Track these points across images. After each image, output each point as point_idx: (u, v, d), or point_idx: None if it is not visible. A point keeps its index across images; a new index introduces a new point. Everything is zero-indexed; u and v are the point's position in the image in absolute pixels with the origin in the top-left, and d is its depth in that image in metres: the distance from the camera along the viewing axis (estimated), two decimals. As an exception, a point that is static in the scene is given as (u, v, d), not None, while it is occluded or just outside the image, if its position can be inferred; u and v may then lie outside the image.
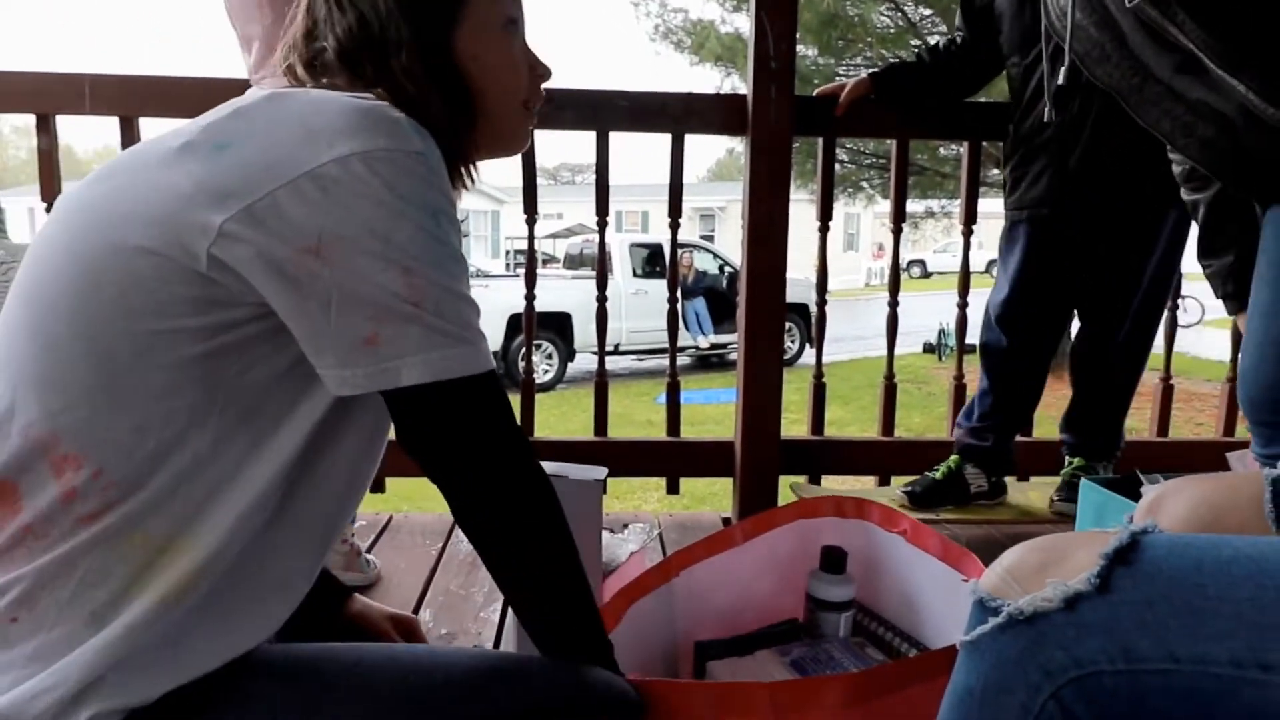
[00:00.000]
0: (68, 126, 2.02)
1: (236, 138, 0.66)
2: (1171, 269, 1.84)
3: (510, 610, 1.28)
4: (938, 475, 1.96)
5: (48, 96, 1.87)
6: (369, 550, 1.84)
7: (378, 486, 2.16)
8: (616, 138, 1.98)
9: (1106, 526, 1.21)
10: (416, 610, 1.57)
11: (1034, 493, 2.07)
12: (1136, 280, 1.81)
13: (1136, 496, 0.77)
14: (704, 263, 10.41)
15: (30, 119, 1.89)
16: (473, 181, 0.83)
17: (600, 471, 1.12)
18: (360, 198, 0.63)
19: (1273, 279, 1.20)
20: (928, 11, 7.24)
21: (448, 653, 0.77)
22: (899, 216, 2.13)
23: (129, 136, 1.89)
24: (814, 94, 1.99)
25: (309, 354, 0.66)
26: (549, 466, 1.19)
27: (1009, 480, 2.04)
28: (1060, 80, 1.08)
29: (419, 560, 1.78)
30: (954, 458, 1.97)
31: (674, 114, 1.96)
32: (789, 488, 2.10)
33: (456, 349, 0.66)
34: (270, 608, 0.72)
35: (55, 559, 0.62)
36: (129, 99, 1.86)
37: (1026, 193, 1.84)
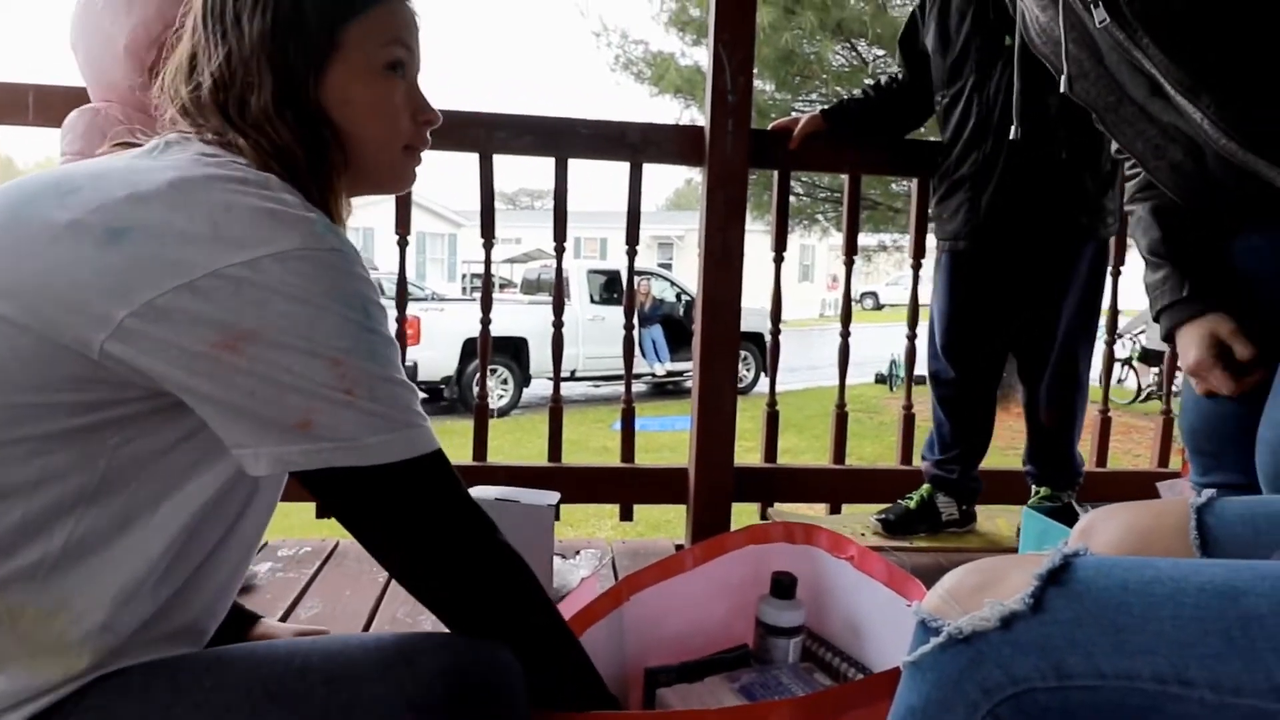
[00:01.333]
0: (9, 136, 1.95)
1: (134, 225, 0.61)
2: (1094, 301, 1.89)
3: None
4: (911, 504, 2.00)
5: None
6: (313, 578, 1.80)
7: (323, 512, 2.12)
8: (576, 165, 2.00)
9: (1045, 550, 1.24)
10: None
11: (1001, 520, 2.13)
12: (1058, 313, 1.87)
13: (1074, 524, 0.80)
14: (661, 290, 10.48)
15: (-28, 129, 1.84)
16: (348, 213, 0.80)
17: (552, 497, 1.12)
18: (275, 294, 0.61)
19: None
20: (880, 51, 7.47)
21: (316, 641, 0.72)
22: (851, 249, 2.18)
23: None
24: (769, 128, 2.04)
25: (225, 438, 0.63)
26: (501, 492, 1.19)
27: (979, 508, 2.09)
28: (1061, 88, 1.08)
29: (365, 587, 1.75)
30: (926, 487, 2.01)
31: (633, 143, 1.98)
32: (766, 513, 2.13)
33: (397, 433, 0.64)
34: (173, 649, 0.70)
35: None
36: (73, 109, 1.82)
37: (946, 225, 1.92)
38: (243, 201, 0.64)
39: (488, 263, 2.08)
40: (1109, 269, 2.00)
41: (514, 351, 8.54)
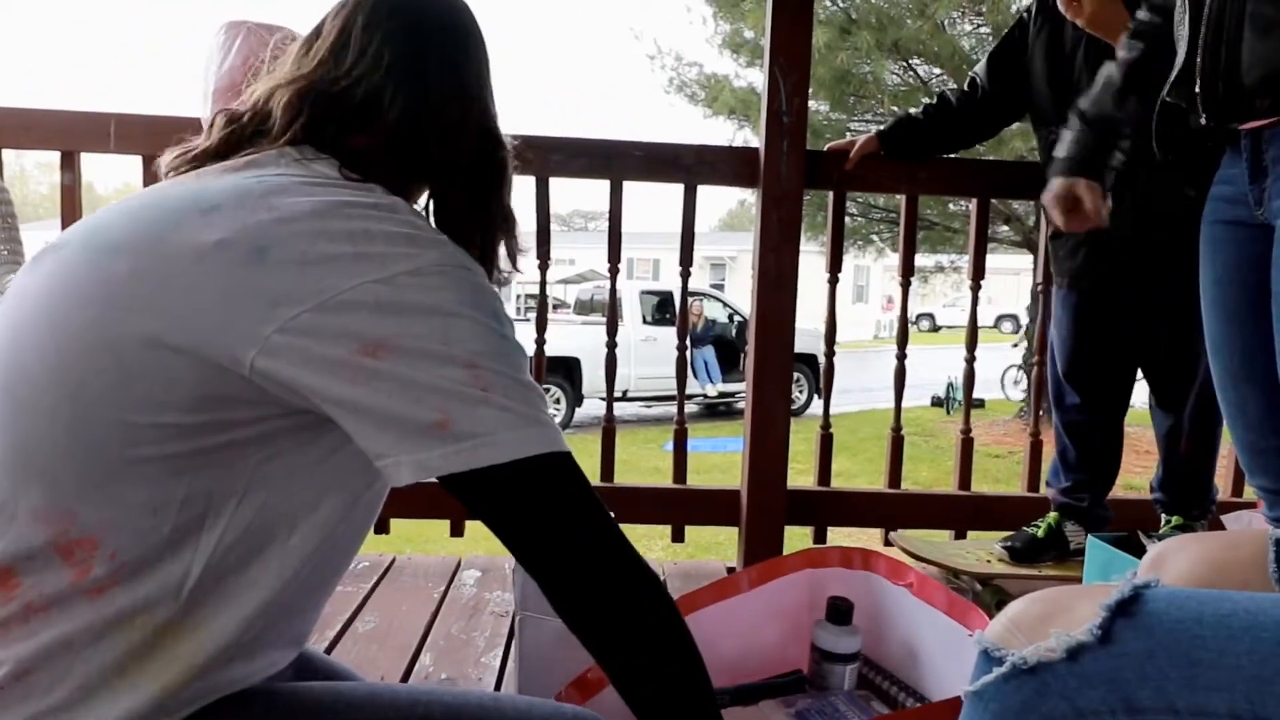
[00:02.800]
0: (90, 163, 2.07)
1: (277, 244, 0.64)
2: None
3: (511, 656, 1.27)
4: (1038, 532, 1.95)
5: (73, 134, 1.92)
6: (370, 592, 1.83)
7: (381, 528, 2.16)
8: (630, 186, 2.02)
9: (1111, 580, 1.21)
10: (417, 654, 1.56)
11: None
12: (1193, 343, 1.80)
13: (1140, 554, 0.77)
14: (714, 311, 10.47)
15: (53, 155, 1.95)
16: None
17: (606, 515, 1.12)
18: (412, 305, 0.64)
19: (1216, 301, 1.23)
20: (938, 70, 7.40)
21: (435, 692, 0.75)
22: (908, 270, 2.15)
23: (151, 175, 1.94)
24: (825, 149, 2.03)
25: (368, 449, 0.64)
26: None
27: None
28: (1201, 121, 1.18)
29: (420, 603, 1.77)
30: (1053, 514, 1.96)
31: (687, 165, 2.00)
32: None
33: (533, 428, 0.64)
34: (274, 659, 0.72)
35: (56, 636, 0.61)
36: (152, 138, 1.91)
37: (1064, 263, 1.88)
38: (379, 227, 0.68)
39: (543, 284, 2.11)
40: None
41: (567, 371, 8.62)
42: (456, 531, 2.16)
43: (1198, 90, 1.12)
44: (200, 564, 0.64)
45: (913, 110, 2.09)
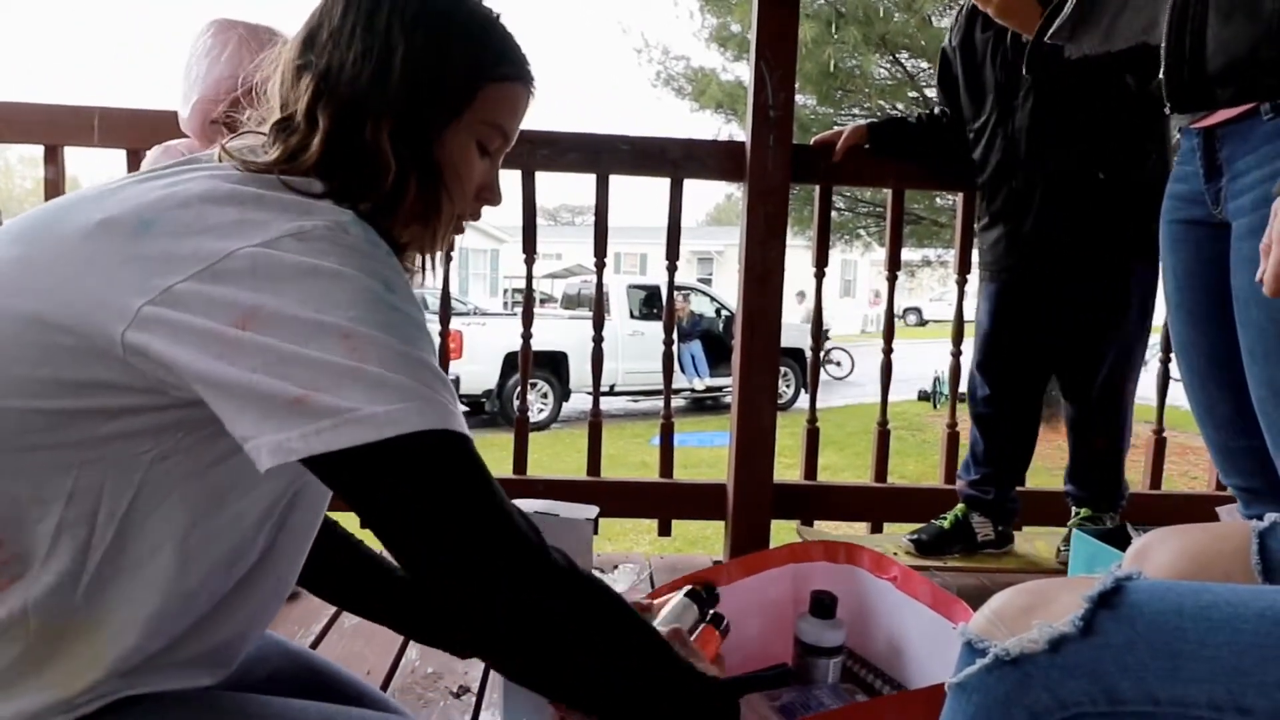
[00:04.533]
0: (75, 157, 2.05)
1: (164, 218, 0.61)
2: (1145, 321, 1.85)
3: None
4: (945, 524, 1.96)
5: (57, 128, 1.90)
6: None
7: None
8: (616, 180, 2.02)
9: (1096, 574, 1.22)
10: (403, 648, 1.55)
11: (1040, 543, 2.07)
12: (1104, 337, 1.83)
13: (1126, 547, 0.77)
14: (701, 306, 10.48)
15: (38, 150, 1.92)
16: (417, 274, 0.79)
17: (591, 510, 1.12)
18: (291, 269, 0.58)
19: (1179, 304, 1.24)
20: (925, 65, 7.42)
21: (325, 710, 0.71)
22: (894, 264, 2.16)
23: (136, 169, 1.92)
24: (811, 142, 2.03)
25: (233, 432, 0.58)
26: (540, 505, 1.19)
27: (1018, 531, 2.04)
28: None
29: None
30: (960, 507, 1.97)
31: (674, 159, 2.00)
32: (796, 530, 2.10)
33: (410, 403, 0.57)
34: (207, 673, 0.70)
35: None
36: (136, 132, 1.89)
37: (987, 254, 1.91)
38: (273, 194, 0.64)
39: (529, 278, 2.10)
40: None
41: (554, 366, 8.61)
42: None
43: (1162, 78, 1.12)
44: (94, 561, 0.61)
45: (907, 115, 2.12)
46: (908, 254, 9.34)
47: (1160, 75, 1.12)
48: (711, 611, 0.80)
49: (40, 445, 0.60)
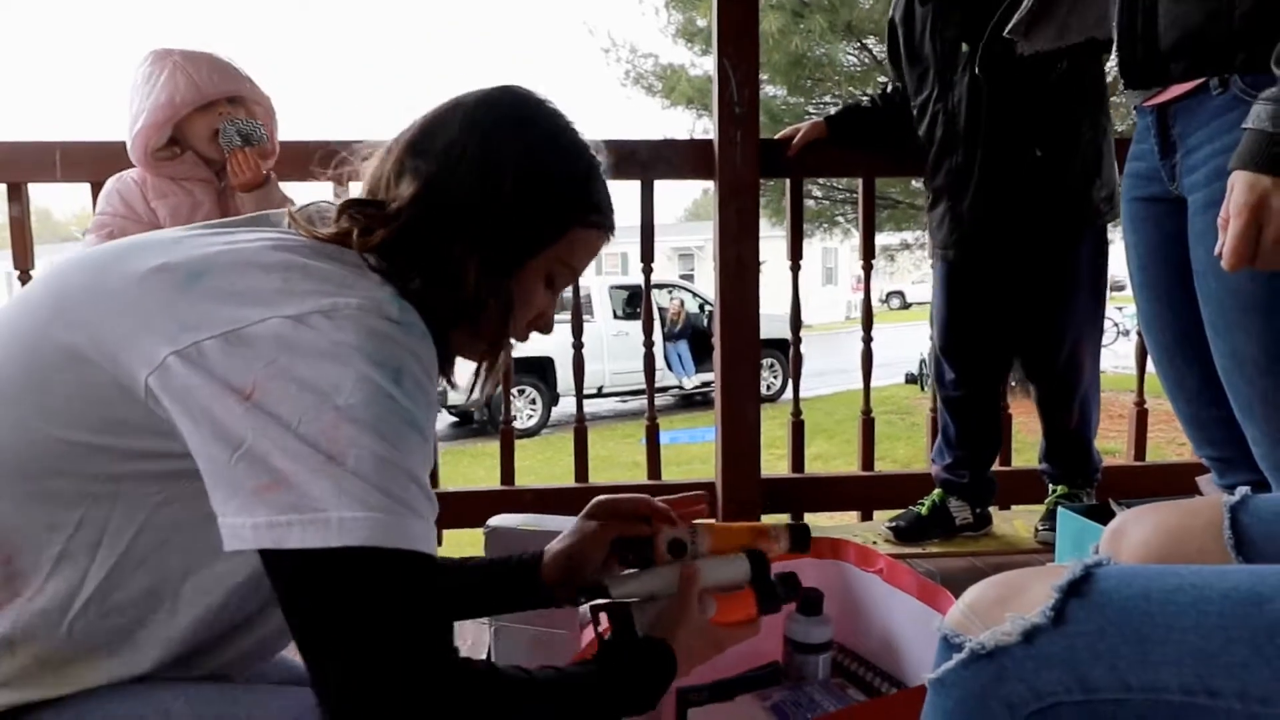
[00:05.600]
0: (46, 190, 2.03)
1: (213, 271, 0.63)
2: (1099, 292, 1.85)
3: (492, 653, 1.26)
4: (922, 510, 1.96)
5: (18, 165, 1.88)
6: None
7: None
8: (588, 185, 2.01)
9: (1083, 552, 1.23)
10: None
11: (1019, 522, 2.08)
12: (1058, 312, 1.83)
13: (1109, 522, 0.78)
14: (688, 304, 10.48)
15: (1, 187, 1.90)
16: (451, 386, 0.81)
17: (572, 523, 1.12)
18: (309, 347, 0.59)
19: (1143, 281, 1.25)
20: (892, 50, 7.43)
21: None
22: (869, 252, 2.17)
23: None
24: (775, 137, 2.03)
25: (213, 504, 0.58)
26: (524, 519, 1.19)
27: (994, 511, 2.05)
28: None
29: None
30: (937, 492, 1.98)
31: (642, 160, 1.99)
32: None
33: (372, 513, 0.56)
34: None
35: None
36: (99, 164, 1.87)
37: (935, 234, 1.91)
38: (320, 265, 0.65)
39: (506, 287, 2.10)
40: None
41: (541, 371, 8.58)
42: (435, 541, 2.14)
43: (1116, 55, 1.13)
44: (86, 592, 0.62)
45: (863, 100, 2.10)
46: (886, 238, 9.36)
47: (1113, 53, 1.13)
48: (775, 579, 0.82)
49: (64, 473, 0.61)
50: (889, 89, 2.03)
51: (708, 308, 10.21)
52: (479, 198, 0.70)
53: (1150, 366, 2.25)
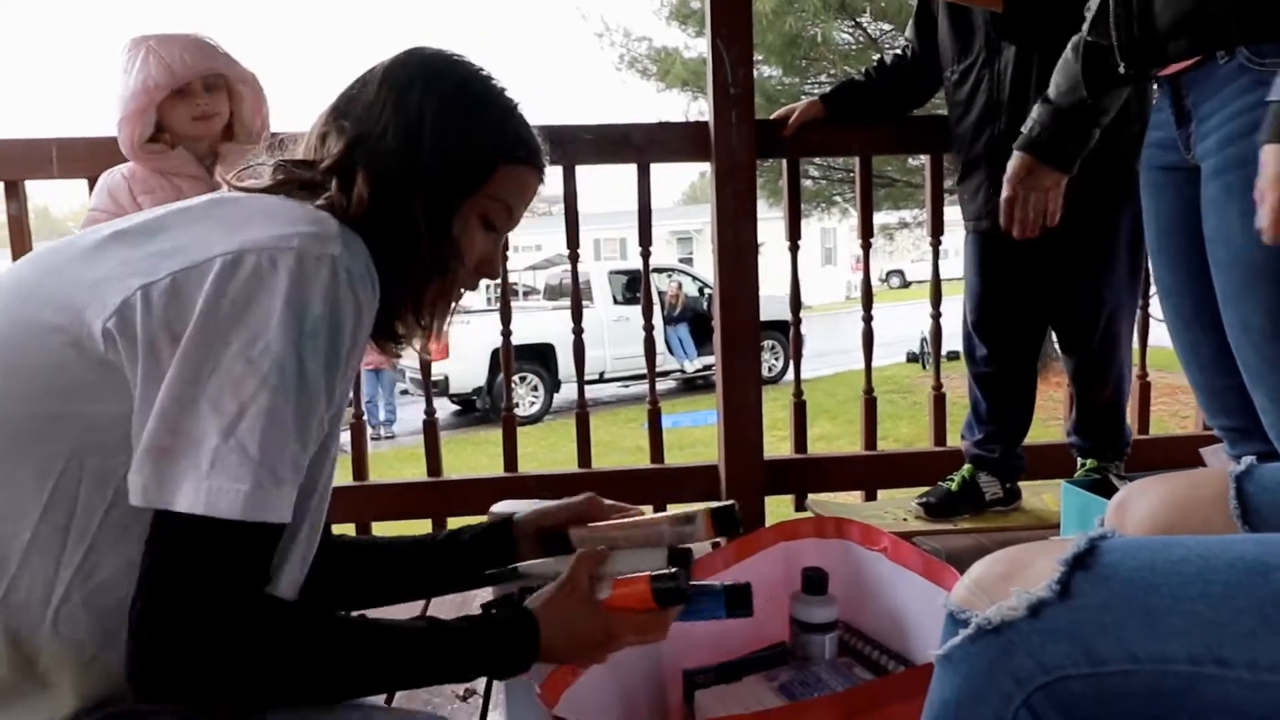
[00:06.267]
0: (44, 188, 2.03)
1: (170, 228, 0.66)
2: (1137, 269, 1.84)
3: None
4: (952, 486, 1.96)
5: (14, 163, 1.87)
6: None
7: (362, 531, 2.14)
8: (586, 167, 2.00)
9: (1088, 526, 1.23)
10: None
11: (1048, 495, 2.07)
12: (1097, 284, 1.81)
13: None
14: (687, 287, 10.47)
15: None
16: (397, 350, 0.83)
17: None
18: (240, 293, 0.61)
19: (1161, 249, 1.25)
20: (887, 26, 7.38)
21: None
22: (867, 232, 2.15)
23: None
24: (771, 117, 2.02)
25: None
26: (529, 504, 1.19)
27: (1024, 485, 2.04)
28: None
29: (407, 605, 1.76)
30: (967, 467, 1.97)
31: (638, 144, 1.98)
32: (803, 505, 2.10)
33: (240, 484, 0.59)
34: None
35: None
36: (95, 160, 1.86)
37: (968, 205, 1.88)
38: (280, 208, 0.68)
39: (504, 274, 2.09)
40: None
41: (542, 358, 8.59)
42: (439, 529, 2.15)
43: (1113, 37, 1.13)
44: (64, 582, 0.61)
45: (856, 75, 2.08)
46: (884, 217, 9.33)
47: (1111, 35, 1.12)
48: (672, 583, 0.77)
49: (29, 454, 0.61)
50: (889, 59, 2.01)
51: (707, 291, 10.20)
52: (403, 148, 0.74)
53: (1152, 339, 2.27)
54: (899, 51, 2.01)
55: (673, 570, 0.77)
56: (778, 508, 2.11)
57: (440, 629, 0.71)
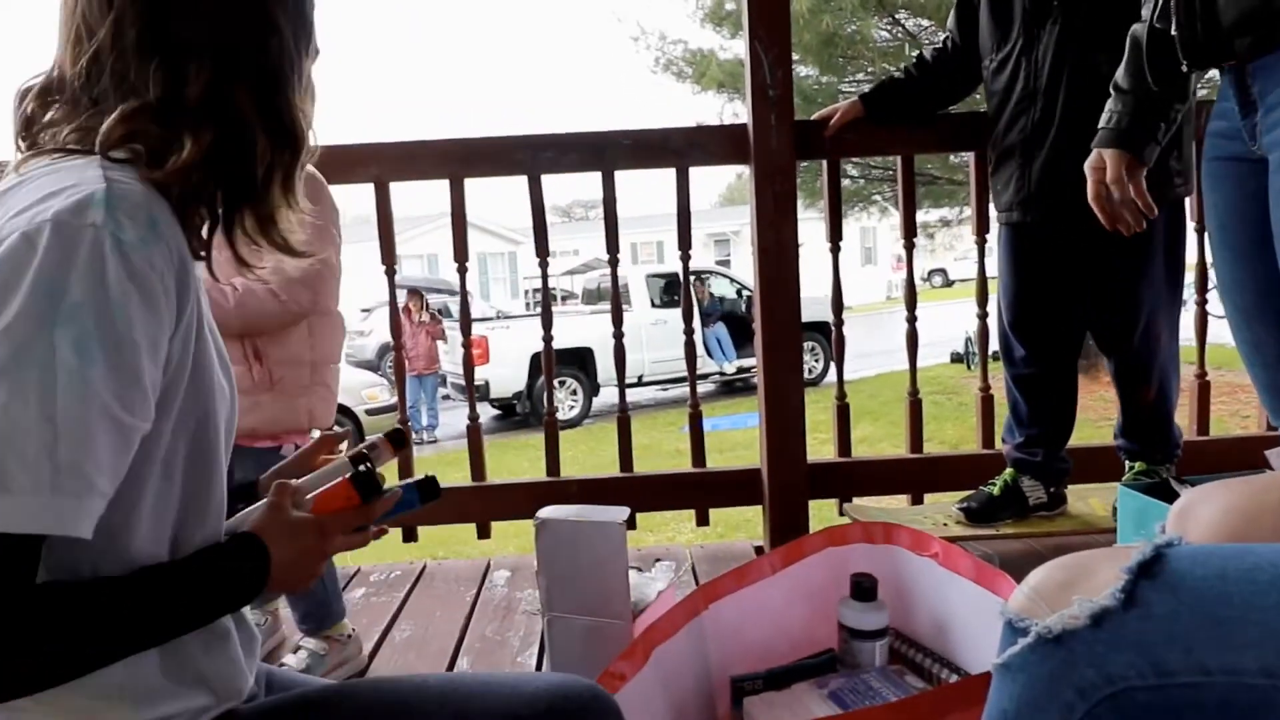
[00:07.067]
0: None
1: None
2: (1176, 266, 1.78)
3: (546, 657, 1.28)
4: (994, 490, 1.91)
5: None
6: (404, 601, 1.84)
7: (409, 535, 2.17)
8: (624, 171, 2.01)
9: (1144, 533, 1.19)
10: (454, 658, 1.57)
11: (1095, 499, 2.01)
12: (1133, 282, 1.75)
13: (1173, 501, 0.75)
14: (721, 288, 10.43)
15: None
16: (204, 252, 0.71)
17: (621, 513, 1.12)
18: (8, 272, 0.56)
19: (1222, 241, 1.21)
20: (926, 22, 7.28)
21: (429, 675, 0.77)
22: (910, 231, 2.13)
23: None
24: (811, 118, 2.00)
25: None
26: (571, 511, 1.20)
27: (1069, 489, 1.99)
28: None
29: (454, 608, 1.79)
30: (1009, 471, 1.92)
31: (676, 148, 1.98)
32: (841, 510, 2.08)
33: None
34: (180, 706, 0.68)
35: None
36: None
37: (1000, 196, 1.84)
38: (45, 175, 0.61)
39: (544, 280, 2.10)
40: (1191, 227, 1.89)
41: (580, 362, 8.64)
42: (483, 534, 2.17)
43: (1175, 33, 1.10)
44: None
45: (895, 73, 2.05)
46: (925, 215, 9.20)
47: (1173, 31, 1.09)
48: (365, 467, 0.78)
49: None
50: (928, 54, 1.99)
51: (745, 293, 10.16)
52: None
53: (1210, 337, 2.20)
54: (939, 45, 1.98)
55: (364, 465, 0.79)
56: (821, 512, 2.09)
57: (170, 566, 0.67)
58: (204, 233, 0.71)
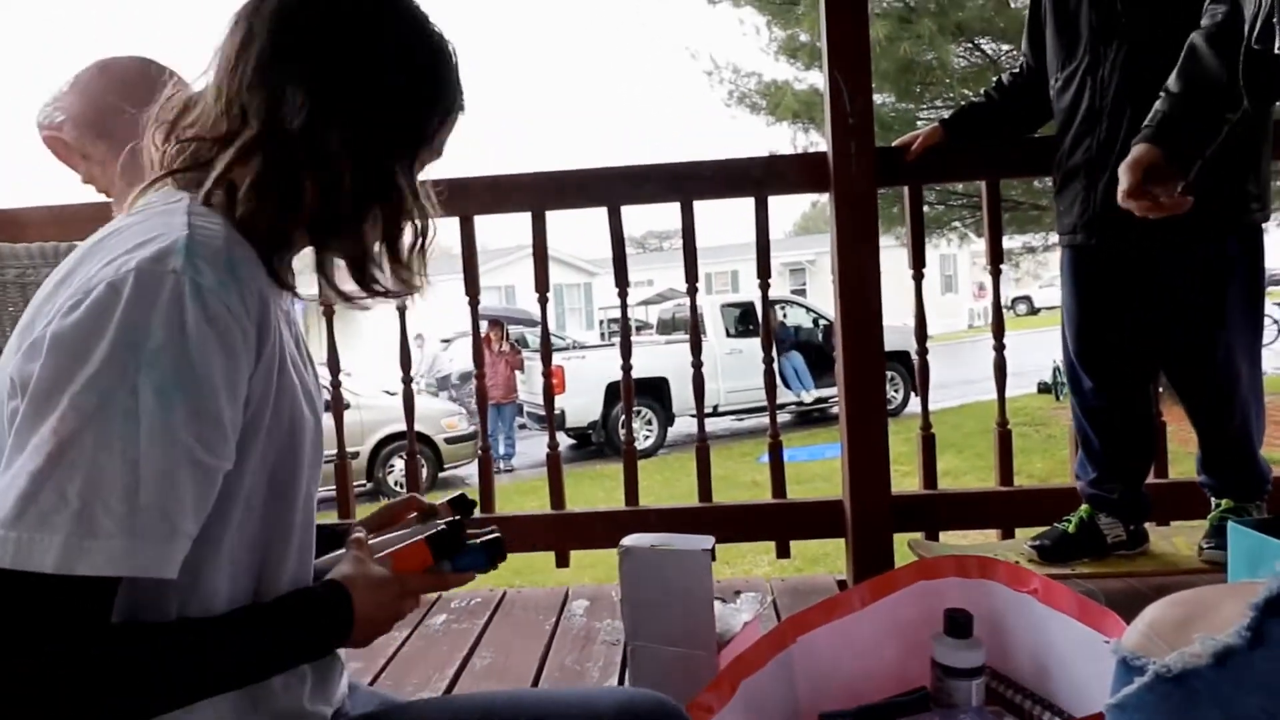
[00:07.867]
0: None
1: (76, 271, 0.63)
2: (1254, 295, 1.66)
3: (626, 685, 1.27)
4: (1069, 527, 1.82)
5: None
6: (484, 629, 1.86)
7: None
8: (700, 202, 2.02)
9: (1261, 573, 1.12)
10: (534, 685, 1.58)
11: (1179, 539, 1.90)
12: (1206, 311, 1.65)
13: (1290, 539, 0.71)
14: (797, 317, 10.34)
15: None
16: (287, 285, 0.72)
17: (707, 541, 1.12)
18: (69, 333, 0.57)
19: None
20: (1006, 46, 7.14)
21: (501, 691, 0.81)
22: (996, 258, 2.07)
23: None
24: (893, 145, 1.99)
25: None
26: (655, 539, 1.20)
27: (1150, 527, 1.88)
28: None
29: (533, 636, 1.80)
30: (1085, 508, 1.83)
31: (756, 177, 1.99)
32: (906, 545, 2.02)
33: (44, 535, 0.54)
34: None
35: None
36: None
37: (1064, 219, 1.77)
38: (134, 226, 0.64)
39: (624, 310, 2.13)
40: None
41: (656, 392, 8.67)
42: (562, 562, 2.18)
43: (1277, 51, 1.05)
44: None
45: (974, 97, 2.02)
46: (1008, 242, 8.95)
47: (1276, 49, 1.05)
48: (444, 525, 0.81)
49: None
50: (1005, 79, 1.95)
51: (822, 321, 10.04)
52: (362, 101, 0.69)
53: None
54: (1016, 69, 1.95)
55: (444, 524, 0.81)
56: (902, 548, 2.03)
57: (254, 610, 0.68)
58: (293, 264, 0.74)
